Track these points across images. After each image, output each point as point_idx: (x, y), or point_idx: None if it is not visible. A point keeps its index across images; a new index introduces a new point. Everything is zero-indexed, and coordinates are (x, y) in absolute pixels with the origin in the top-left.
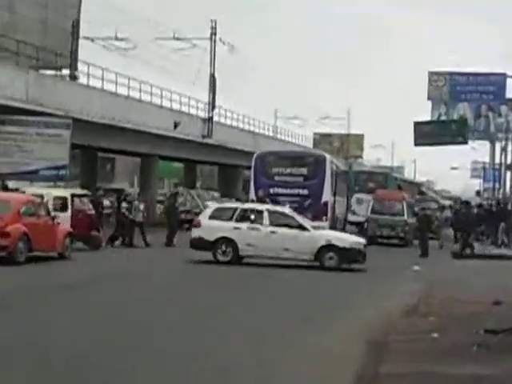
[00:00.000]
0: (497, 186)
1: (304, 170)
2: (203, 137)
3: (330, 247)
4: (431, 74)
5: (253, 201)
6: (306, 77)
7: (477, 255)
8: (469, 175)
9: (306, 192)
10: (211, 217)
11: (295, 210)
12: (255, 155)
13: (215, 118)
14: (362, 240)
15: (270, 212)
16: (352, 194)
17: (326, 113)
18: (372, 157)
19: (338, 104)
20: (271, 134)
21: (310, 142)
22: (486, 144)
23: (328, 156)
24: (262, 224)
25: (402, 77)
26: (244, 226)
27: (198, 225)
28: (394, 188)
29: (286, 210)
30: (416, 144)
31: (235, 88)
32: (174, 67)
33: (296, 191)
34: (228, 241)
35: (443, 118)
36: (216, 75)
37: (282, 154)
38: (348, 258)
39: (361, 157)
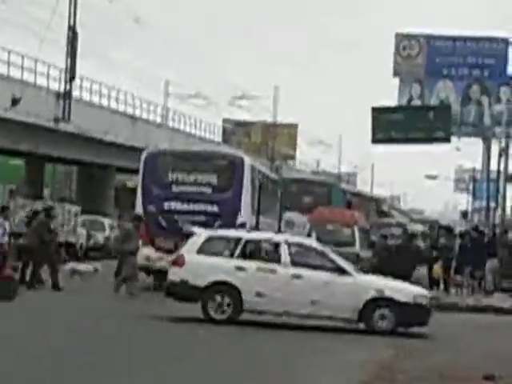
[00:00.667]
0: (492, 204)
1: (213, 178)
2: (56, 120)
3: (382, 301)
4: (400, 37)
5: (139, 219)
6: (217, 40)
7: (463, 307)
8: (451, 188)
9: (215, 209)
10: (200, 250)
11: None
12: (144, 154)
13: (75, 94)
14: (426, 292)
15: (291, 245)
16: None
17: (243, 91)
18: (310, 158)
19: (260, 83)
20: (159, 119)
21: (218, 133)
22: (478, 143)
23: (247, 158)
24: (279, 263)
25: (355, 42)
26: (252, 265)
27: (180, 262)
28: (342, 205)
29: (314, 242)
30: (375, 141)
31: (107, 50)
32: (14, 16)
33: (201, 207)
34: (227, 288)
35: (416, 102)
36: (78, 30)
37: (183, 154)
38: (409, 319)
39: (293, 157)
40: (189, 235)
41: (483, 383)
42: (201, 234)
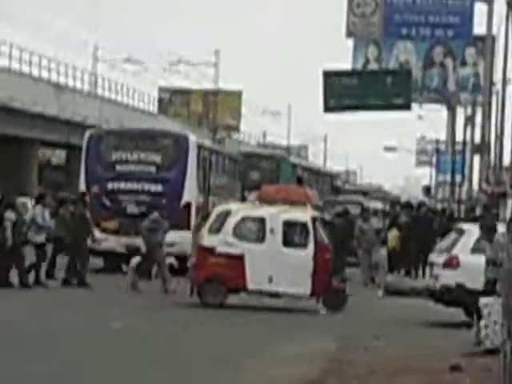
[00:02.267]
0: (458, 179)
1: (157, 157)
2: None
3: None
4: None
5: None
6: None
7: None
8: (413, 161)
9: (159, 188)
10: (476, 250)
11: (143, 214)
12: (87, 134)
13: None
14: None
15: None
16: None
17: (180, 56)
18: (256, 129)
19: (198, 46)
20: (87, 88)
21: (153, 102)
22: (442, 110)
23: (193, 137)
24: None
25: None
26: None
27: (455, 264)
28: (292, 181)
29: None
30: (327, 109)
31: (28, 12)
32: None
33: (146, 187)
34: None
35: (372, 66)
36: None
37: (126, 133)
38: None
39: (237, 129)
40: (133, 215)
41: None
42: (471, 232)
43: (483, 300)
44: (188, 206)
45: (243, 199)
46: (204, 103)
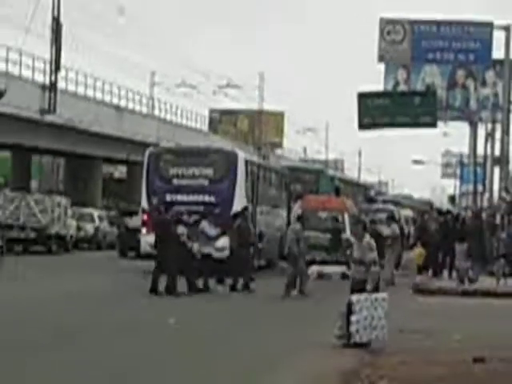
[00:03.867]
0: (480, 188)
1: (210, 172)
2: (42, 112)
3: None
4: (384, 22)
5: (144, 211)
6: (200, 28)
7: (450, 291)
8: (439, 173)
9: (212, 199)
10: None
11: (197, 222)
12: (147, 152)
13: (60, 85)
14: None
15: None
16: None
17: (229, 80)
18: (297, 145)
19: (245, 69)
20: (146, 110)
21: (204, 122)
22: (465, 127)
23: (241, 153)
24: None
25: (340, 27)
26: None
27: None
28: (330, 192)
29: None
30: (361, 126)
31: (92, 40)
32: None
33: (200, 198)
34: None
35: (401, 87)
36: (62, 20)
37: (182, 151)
38: None
39: (281, 145)
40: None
41: (474, 366)
42: None
43: (354, 297)
44: (236, 215)
45: (289, 208)
46: (249, 122)
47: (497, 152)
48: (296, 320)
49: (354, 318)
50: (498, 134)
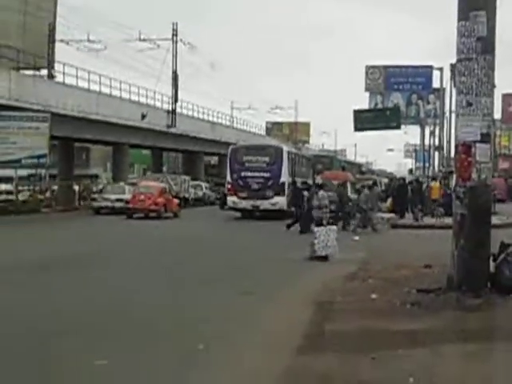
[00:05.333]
0: (427, 164)
1: (267, 158)
2: (168, 127)
3: None
4: (368, 67)
5: (228, 183)
6: (260, 72)
7: (409, 225)
8: (402, 156)
9: (268, 175)
10: None
11: (260, 188)
12: (230, 148)
13: (178, 110)
14: None
15: None
16: None
17: (277, 104)
18: (318, 142)
19: (287, 96)
20: (228, 123)
21: (262, 129)
22: (417, 128)
23: (285, 147)
24: None
25: (341, 70)
26: None
27: None
28: (339, 169)
29: None
30: (356, 129)
31: (195, 83)
32: (140, 65)
33: (261, 174)
34: None
35: (379, 106)
36: (178, 72)
37: (250, 147)
38: None
39: (308, 142)
40: (254, 189)
41: (424, 270)
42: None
43: (316, 228)
44: (283, 183)
45: (314, 179)
46: (289, 129)
47: (436, 143)
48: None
49: (315, 241)
50: (436, 132)
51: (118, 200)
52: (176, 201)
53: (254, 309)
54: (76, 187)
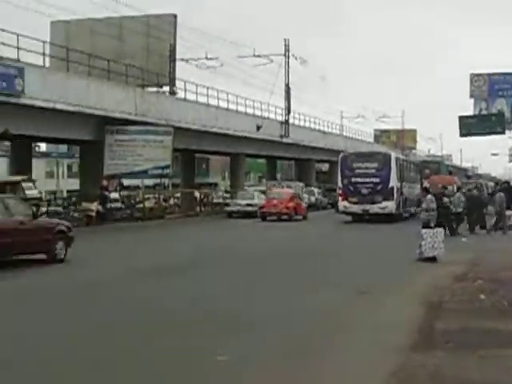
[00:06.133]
0: None
1: (376, 164)
2: (281, 137)
3: None
4: (473, 75)
5: (339, 188)
6: (367, 82)
7: None
8: (507, 160)
9: (377, 180)
10: None
11: (369, 193)
12: (340, 155)
13: (291, 121)
14: None
15: None
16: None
17: (384, 113)
18: (424, 147)
19: (394, 104)
20: (338, 131)
21: (370, 137)
22: None
23: (393, 153)
24: None
25: (447, 78)
26: None
27: None
28: (446, 173)
29: None
30: (461, 135)
31: (307, 95)
32: (254, 80)
33: (370, 179)
34: None
35: (484, 112)
36: (290, 85)
37: (360, 154)
38: None
39: (414, 148)
40: (364, 194)
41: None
42: None
43: (423, 230)
44: (392, 188)
45: (421, 183)
46: (397, 136)
47: None
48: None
49: (422, 243)
50: None
51: (248, 205)
52: (304, 205)
53: (368, 308)
54: (197, 194)
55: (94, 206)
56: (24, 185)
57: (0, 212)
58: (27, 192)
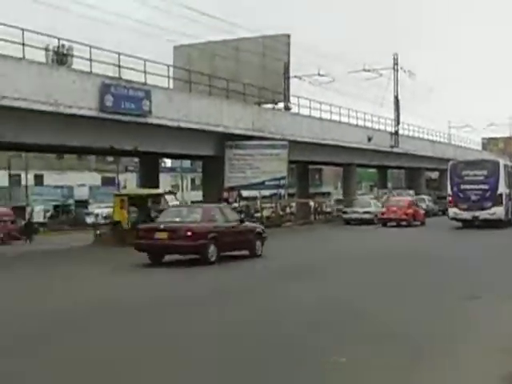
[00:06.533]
0: None
1: (484, 172)
2: (391, 147)
3: None
4: None
5: (449, 195)
6: (474, 91)
7: None
8: None
9: (486, 187)
10: None
11: (478, 200)
12: (450, 163)
13: (400, 132)
14: None
15: None
16: None
17: (492, 121)
18: None
19: (501, 113)
20: (446, 140)
21: (478, 145)
22: None
23: (502, 161)
24: None
25: None
26: None
27: None
28: None
29: None
30: None
31: (415, 106)
32: (364, 93)
33: (479, 186)
34: None
35: None
36: (399, 97)
37: (469, 162)
38: None
39: None
40: (474, 201)
41: None
42: None
43: None
44: (500, 194)
45: None
46: (504, 143)
47: None
48: None
49: None
50: None
51: (365, 212)
52: (422, 211)
53: (479, 313)
54: (311, 203)
55: None
56: (167, 197)
57: (220, 218)
58: (170, 203)
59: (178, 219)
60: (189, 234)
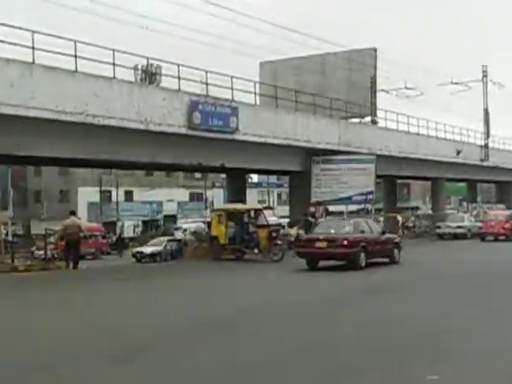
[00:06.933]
0: None
1: None
2: (481, 160)
3: None
4: None
5: None
6: None
7: None
8: None
9: None
10: None
11: None
12: None
13: (490, 145)
14: None
15: None
16: None
17: None
18: None
19: None
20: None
21: None
22: None
23: None
24: None
25: None
26: None
27: None
28: None
29: None
30: None
31: (505, 117)
32: (453, 106)
33: None
34: None
35: None
36: (489, 109)
37: None
38: None
39: None
40: None
41: None
42: None
43: None
44: None
45: None
46: None
47: None
48: None
49: None
50: None
51: (458, 227)
52: None
53: None
54: (399, 218)
55: (294, 231)
56: (265, 212)
57: (367, 230)
58: (268, 218)
59: (332, 231)
60: (345, 243)
